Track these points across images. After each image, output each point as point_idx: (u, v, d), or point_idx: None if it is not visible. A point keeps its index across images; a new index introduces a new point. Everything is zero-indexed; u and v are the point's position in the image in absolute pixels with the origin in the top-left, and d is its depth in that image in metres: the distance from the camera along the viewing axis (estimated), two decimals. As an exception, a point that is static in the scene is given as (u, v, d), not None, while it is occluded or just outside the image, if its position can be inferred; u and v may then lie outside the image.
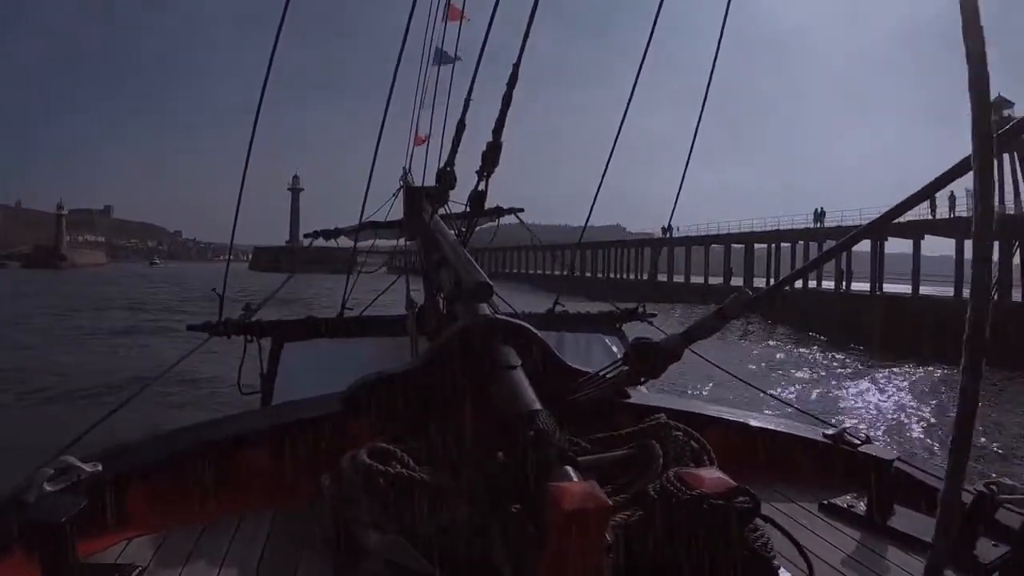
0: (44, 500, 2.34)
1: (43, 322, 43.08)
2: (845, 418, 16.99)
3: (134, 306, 56.76)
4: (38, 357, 28.13)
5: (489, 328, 2.88)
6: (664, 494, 2.08)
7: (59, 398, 19.66)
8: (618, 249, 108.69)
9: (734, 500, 1.99)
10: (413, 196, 7.74)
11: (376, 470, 2.31)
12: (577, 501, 1.79)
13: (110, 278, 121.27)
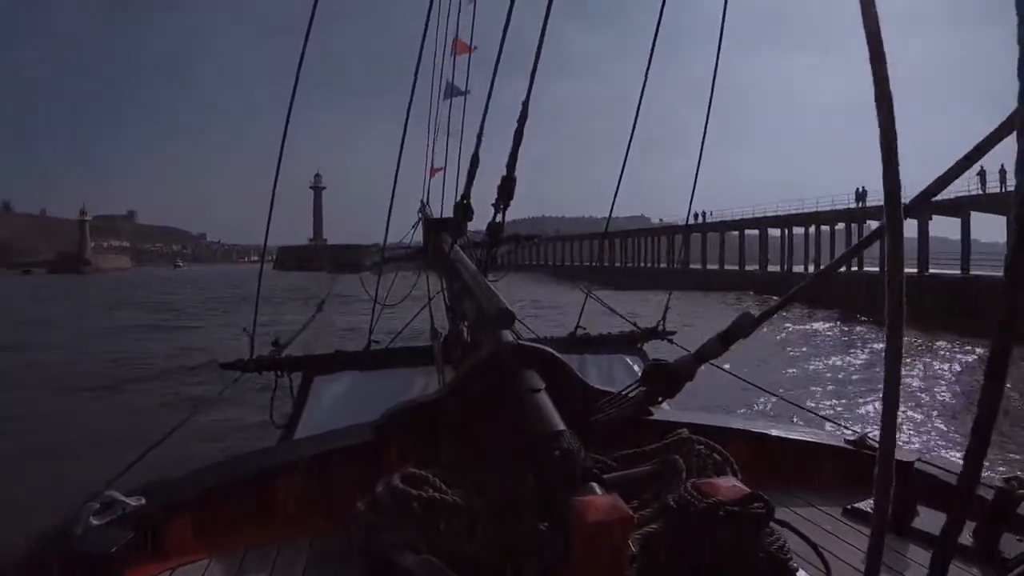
0: (91, 533, 2.40)
1: (65, 329, 42.76)
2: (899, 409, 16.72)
3: (159, 309, 57.42)
4: (64, 364, 28.27)
5: (513, 354, 2.92)
6: (682, 504, 2.09)
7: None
8: (647, 238, 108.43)
9: (749, 506, 2.01)
10: (432, 228, 8.06)
11: (410, 494, 2.36)
12: (601, 514, 1.86)
13: (133, 282, 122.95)
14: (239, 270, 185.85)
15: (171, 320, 46.94)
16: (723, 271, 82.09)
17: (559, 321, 14.59)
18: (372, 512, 2.46)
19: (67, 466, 13.23)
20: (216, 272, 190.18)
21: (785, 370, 24.84)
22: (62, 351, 32.12)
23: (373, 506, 2.47)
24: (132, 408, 19.89)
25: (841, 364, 27.01)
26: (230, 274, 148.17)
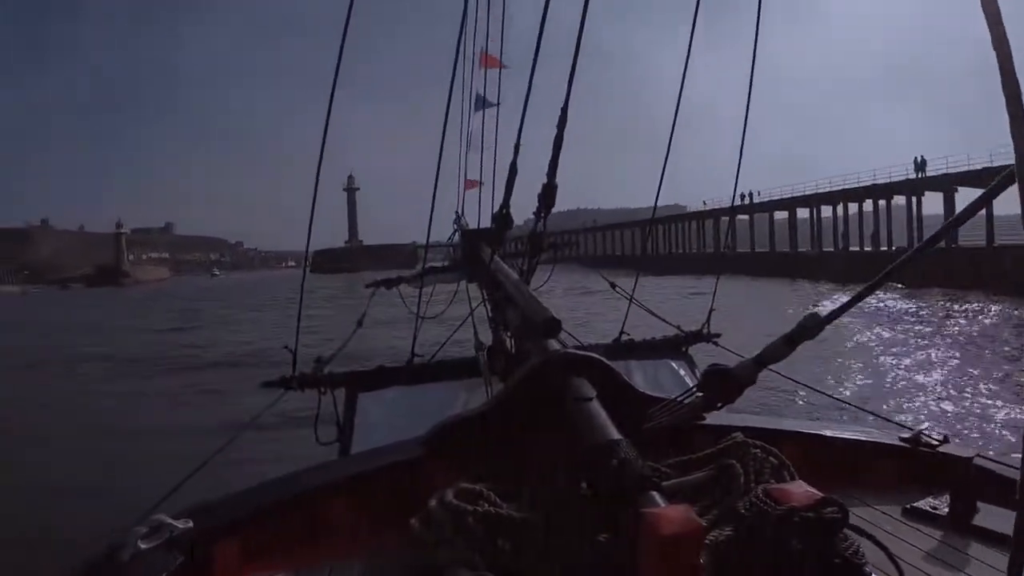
0: (140, 558, 2.43)
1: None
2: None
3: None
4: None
5: (562, 363, 2.88)
6: (754, 511, 2.05)
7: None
8: (688, 223, 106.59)
9: (823, 511, 1.98)
10: (470, 239, 8.43)
11: (465, 509, 2.32)
12: (673, 526, 1.78)
13: (170, 292, 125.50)
14: (275, 276, 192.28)
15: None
16: (775, 253, 78.57)
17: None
18: (426, 529, 2.37)
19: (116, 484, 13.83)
20: (253, 279, 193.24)
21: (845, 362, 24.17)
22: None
23: (427, 523, 2.38)
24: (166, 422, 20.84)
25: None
26: (266, 280, 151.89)
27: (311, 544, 2.94)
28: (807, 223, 79.59)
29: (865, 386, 21.05)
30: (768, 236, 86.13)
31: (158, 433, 19.17)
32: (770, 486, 2.18)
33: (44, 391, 27.03)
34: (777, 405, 14.29)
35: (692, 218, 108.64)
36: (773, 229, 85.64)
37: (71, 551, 4.16)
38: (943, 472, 3.02)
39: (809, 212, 78.42)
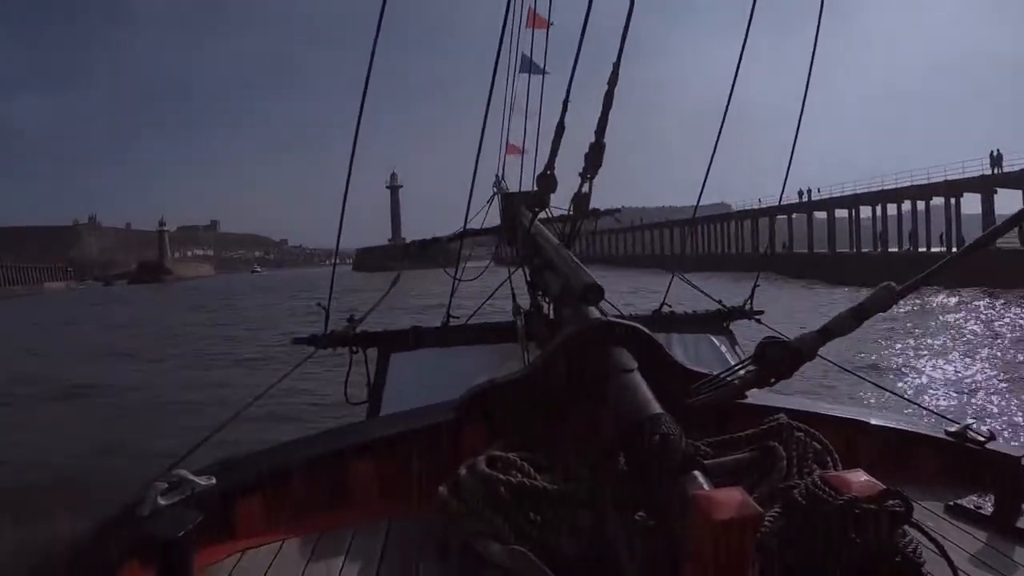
0: (160, 514, 2.34)
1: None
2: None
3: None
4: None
5: (603, 331, 2.79)
6: (812, 499, 1.99)
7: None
8: (733, 222, 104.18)
9: (885, 504, 1.92)
10: (510, 203, 8.23)
11: (497, 479, 2.30)
12: (728, 510, 1.72)
13: (207, 288, 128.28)
14: (315, 272, 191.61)
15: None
16: (837, 254, 74.65)
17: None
18: (455, 497, 2.36)
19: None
20: (294, 275, 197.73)
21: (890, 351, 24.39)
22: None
23: (456, 491, 2.38)
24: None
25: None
26: (307, 277, 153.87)
27: (336, 506, 2.81)
28: (866, 222, 76.56)
29: (910, 377, 21.03)
30: (828, 235, 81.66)
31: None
32: (827, 473, 2.08)
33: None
34: (810, 390, 13.31)
35: (734, 218, 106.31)
36: (833, 229, 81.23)
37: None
38: (989, 470, 2.88)
39: (871, 211, 75.10)
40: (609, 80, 3.50)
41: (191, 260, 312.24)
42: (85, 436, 17.30)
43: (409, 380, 6.13)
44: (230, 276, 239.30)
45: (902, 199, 70.32)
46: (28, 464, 15.04)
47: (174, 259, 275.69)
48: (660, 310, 7.55)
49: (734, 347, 6.91)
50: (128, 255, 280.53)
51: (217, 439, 4.19)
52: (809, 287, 56.50)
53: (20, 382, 26.46)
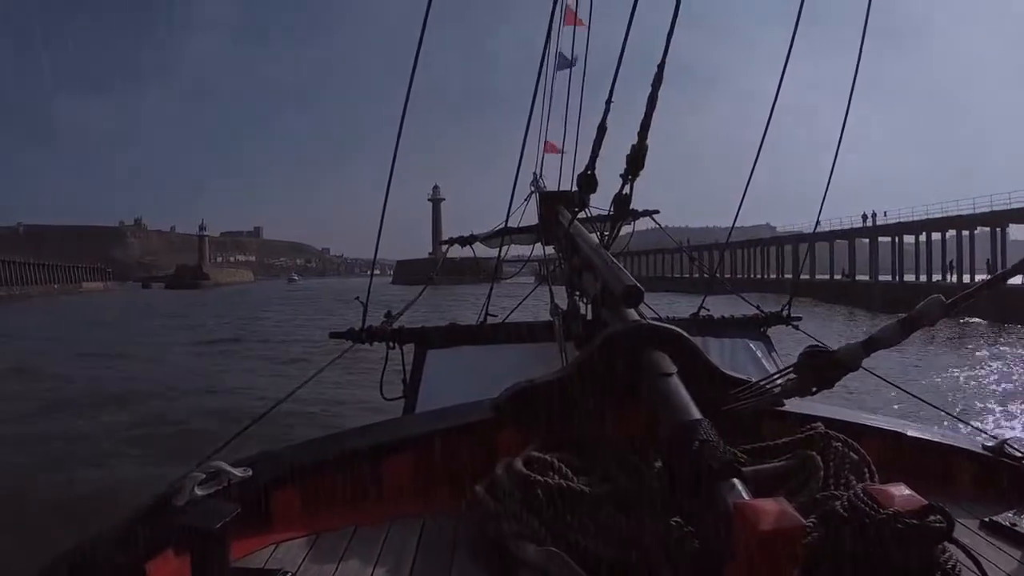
0: (197, 504, 2.36)
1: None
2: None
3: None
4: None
5: (642, 334, 2.78)
6: (855, 512, 1.96)
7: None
8: (771, 247, 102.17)
9: (927, 519, 1.89)
10: (548, 202, 8.06)
11: (534, 480, 2.29)
12: (772, 521, 1.67)
13: (241, 296, 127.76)
14: (354, 283, 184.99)
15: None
16: (905, 283, 70.66)
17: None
18: (491, 496, 2.37)
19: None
20: (329, 285, 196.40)
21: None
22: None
23: (492, 490, 2.39)
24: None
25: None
26: (342, 286, 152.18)
27: (371, 501, 2.82)
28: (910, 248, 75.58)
29: (949, 391, 20.89)
30: (893, 261, 77.99)
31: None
32: (870, 486, 2.06)
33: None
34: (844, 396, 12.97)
35: (771, 243, 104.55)
36: (901, 254, 77.36)
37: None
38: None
39: (941, 236, 73.46)
40: (653, 81, 3.45)
41: (231, 266, 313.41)
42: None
43: (445, 377, 6.13)
44: (266, 284, 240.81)
45: (992, 223, 68.99)
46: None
47: (215, 264, 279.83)
48: (698, 314, 7.44)
49: (771, 353, 6.81)
50: (171, 258, 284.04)
51: (254, 431, 4.42)
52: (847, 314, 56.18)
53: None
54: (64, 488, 12.35)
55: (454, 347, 6.51)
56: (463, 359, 6.37)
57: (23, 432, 17.41)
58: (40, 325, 56.58)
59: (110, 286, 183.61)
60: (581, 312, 4.89)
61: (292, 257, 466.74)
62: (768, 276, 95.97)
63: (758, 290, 61.92)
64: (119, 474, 13.39)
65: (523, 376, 3.06)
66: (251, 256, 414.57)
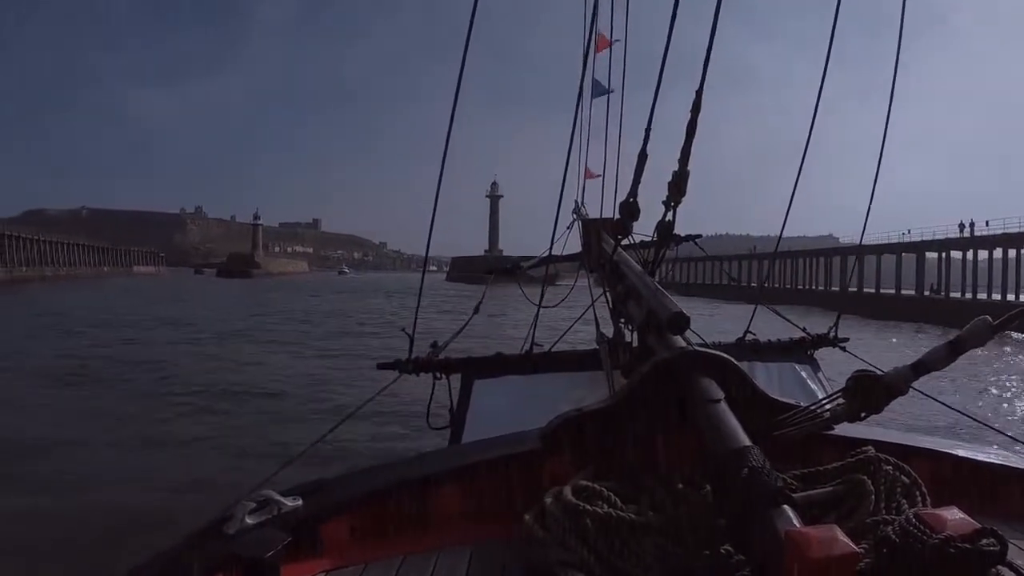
0: (248, 533, 2.38)
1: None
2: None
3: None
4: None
5: (690, 360, 2.72)
6: (906, 536, 1.86)
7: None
8: (819, 259, 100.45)
9: (980, 543, 1.78)
10: (590, 229, 8.31)
11: (583, 509, 2.26)
12: (824, 548, 1.65)
13: (281, 286, 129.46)
14: (408, 277, 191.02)
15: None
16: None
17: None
18: (540, 525, 2.36)
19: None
20: (383, 279, 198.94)
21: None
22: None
23: (542, 519, 2.37)
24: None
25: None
26: (393, 281, 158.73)
27: (420, 530, 2.82)
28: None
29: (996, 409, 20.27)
30: (1003, 276, 72.54)
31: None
32: (922, 510, 1.99)
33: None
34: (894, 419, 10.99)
35: (819, 254, 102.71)
36: (1006, 268, 72.33)
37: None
38: None
39: (961, 255, 71.24)
40: (692, 108, 3.35)
41: (285, 256, 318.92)
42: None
43: (492, 406, 6.10)
44: (320, 275, 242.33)
45: (993, 246, 66.13)
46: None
47: (270, 254, 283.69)
48: (744, 338, 7.33)
49: (818, 376, 6.73)
50: (228, 246, 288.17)
51: (303, 460, 4.58)
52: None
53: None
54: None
55: (500, 376, 6.49)
56: (509, 388, 6.35)
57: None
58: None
59: (162, 270, 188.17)
60: (626, 339, 4.80)
61: (349, 250, 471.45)
62: (817, 287, 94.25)
63: (806, 302, 60.61)
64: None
65: (570, 405, 3.01)
66: (308, 247, 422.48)
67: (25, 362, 28.59)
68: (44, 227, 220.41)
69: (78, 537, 10.59)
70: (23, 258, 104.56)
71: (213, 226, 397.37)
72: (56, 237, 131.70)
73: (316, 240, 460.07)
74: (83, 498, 12.39)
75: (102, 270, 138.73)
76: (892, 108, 6.18)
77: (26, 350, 31.95)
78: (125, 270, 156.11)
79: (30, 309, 56.53)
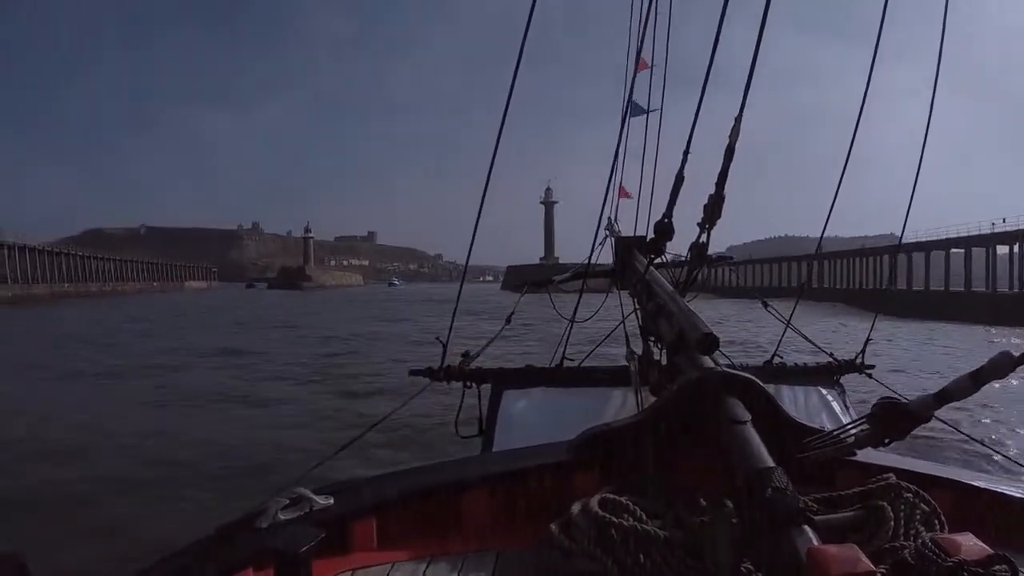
0: (280, 528, 2.44)
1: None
2: None
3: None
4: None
5: (719, 381, 2.70)
6: (922, 560, 1.87)
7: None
8: (856, 259, 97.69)
9: (992, 568, 1.79)
10: (623, 246, 7.87)
11: (609, 521, 2.32)
12: (843, 566, 1.66)
13: (346, 296, 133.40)
14: (466, 288, 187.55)
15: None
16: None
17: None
18: (566, 536, 2.38)
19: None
20: (431, 289, 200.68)
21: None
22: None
23: (568, 529, 2.41)
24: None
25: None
26: (438, 290, 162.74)
27: (446, 535, 2.85)
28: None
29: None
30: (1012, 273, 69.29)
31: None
32: (938, 536, 1.99)
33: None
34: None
35: (854, 255, 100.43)
36: (971, 266, 72.87)
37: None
38: None
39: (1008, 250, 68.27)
40: (730, 134, 3.37)
41: (339, 269, 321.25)
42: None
43: (521, 417, 6.14)
44: (375, 288, 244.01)
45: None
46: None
47: (323, 267, 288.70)
48: (771, 361, 7.26)
49: (844, 401, 6.60)
50: (284, 260, 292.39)
51: (335, 461, 5.03)
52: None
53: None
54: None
55: (530, 388, 6.45)
56: (539, 400, 6.35)
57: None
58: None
59: (214, 285, 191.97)
60: (655, 357, 4.60)
61: (405, 262, 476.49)
62: (863, 286, 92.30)
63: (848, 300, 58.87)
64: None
65: (598, 419, 3.12)
66: (364, 260, 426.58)
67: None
68: (102, 245, 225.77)
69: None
70: (67, 275, 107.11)
71: (269, 241, 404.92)
72: (103, 254, 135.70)
73: (372, 253, 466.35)
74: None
75: (151, 285, 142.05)
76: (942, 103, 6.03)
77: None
78: (176, 285, 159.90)
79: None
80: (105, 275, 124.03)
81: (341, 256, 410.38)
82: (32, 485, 13.16)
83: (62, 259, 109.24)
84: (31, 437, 16.99)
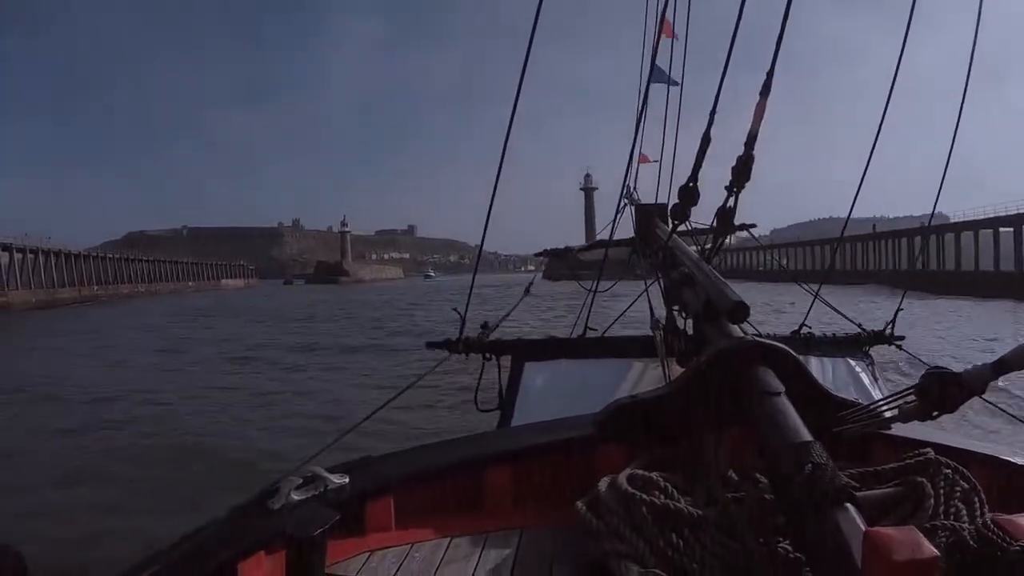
0: (294, 509, 2.37)
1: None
2: None
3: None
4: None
5: (750, 351, 2.67)
6: (985, 543, 1.87)
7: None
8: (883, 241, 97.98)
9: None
10: (644, 214, 8.38)
11: (639, 498, 2.26)
12: (906, 551, 1.60)
13: (382, 289, 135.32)
14: (508, 278, 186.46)
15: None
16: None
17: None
18: (593, 513, 2.34)
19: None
20: (460, 280, 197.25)
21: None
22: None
23: (595, 507, 2.36)
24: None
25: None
26: (488, 284, 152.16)
27: (467, 513, 2.81)
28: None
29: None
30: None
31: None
32: (999, 516, 1.97)
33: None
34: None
35: (882, 237, 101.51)
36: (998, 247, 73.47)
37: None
38: None
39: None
40: (761, 91, 3.39)
41: (383, 263, 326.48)
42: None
43: (543, 390, 6.07)
44: (415, 280, 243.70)
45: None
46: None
47: (363, 261, 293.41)
48: (799, 331, 7.19)
49: (874, 372, 6.50)
50: (324, 256, 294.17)
51: (350, 439, 4.94)
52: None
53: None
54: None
55: (552, 360, 6.37)
56: (561, 372, 6.23)
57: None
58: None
59: (251, 283, 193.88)
60: (680, 327, 4.66)
61: (445, 254, 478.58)
62: (883, 267, 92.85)
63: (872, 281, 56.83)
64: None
65: (622, 391, 3.30)
66: (404, 253, 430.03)
67: None
68: (145, 247, 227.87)
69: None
70: (96, 278, 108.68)
71: (310, 237, 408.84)
72: (140, 255, 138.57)
73: (412, 246, 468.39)
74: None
75: (186, 285, 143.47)
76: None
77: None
78: (213, 284, 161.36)
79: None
80: (138, 276, 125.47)
81: (382, 250, 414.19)
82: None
83: (93, 262, 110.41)
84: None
